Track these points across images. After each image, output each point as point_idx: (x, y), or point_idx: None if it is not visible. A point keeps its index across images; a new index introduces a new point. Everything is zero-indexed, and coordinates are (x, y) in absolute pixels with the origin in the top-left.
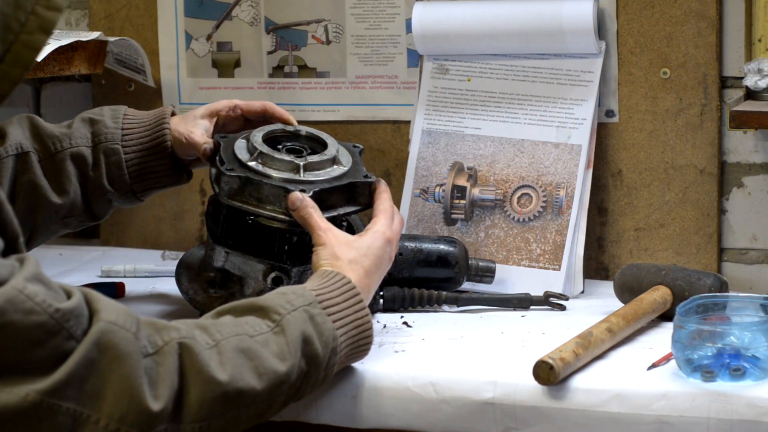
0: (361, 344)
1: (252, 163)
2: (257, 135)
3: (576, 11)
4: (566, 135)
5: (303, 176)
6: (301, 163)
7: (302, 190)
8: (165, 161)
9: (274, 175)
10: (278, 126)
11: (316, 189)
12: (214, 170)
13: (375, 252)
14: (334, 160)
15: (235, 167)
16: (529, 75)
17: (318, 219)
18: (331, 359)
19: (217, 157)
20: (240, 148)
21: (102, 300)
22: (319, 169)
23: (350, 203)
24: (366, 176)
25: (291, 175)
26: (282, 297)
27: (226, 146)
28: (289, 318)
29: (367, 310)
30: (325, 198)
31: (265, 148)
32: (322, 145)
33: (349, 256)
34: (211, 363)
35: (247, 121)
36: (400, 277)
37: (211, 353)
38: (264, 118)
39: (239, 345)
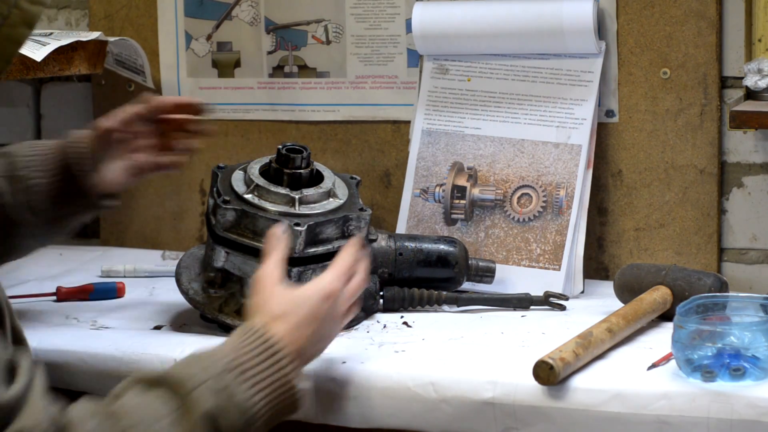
0: (287, 403)
1: (248, 196)
2: (254, 167)
3: (576, 11)
4: (566, 135)
5: (298, 209)
6: (297, 197)
7: (297, 224)
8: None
9: (270, 208)
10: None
11: (311, 222)
12: (211, 201)
13: (310, 305)
14: (330, 193)
15: (231, 199)
16: (529, 75)
17: (273, 259)
18: (247, 429)
19: (215, 189)
20: (237, 180)
21: (29, 401)
22: (314, 202)
23: (345, 236)
24: (361, 209)
25: (286, 208)
26: (194, 365)
27: (223, 177)
28: (196, 394)
29: (292, 367)
30: (319, 231)
31: (261, 181)
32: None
33: (279, 309)
34: None
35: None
36: (400, 277)
37: None
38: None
39: None
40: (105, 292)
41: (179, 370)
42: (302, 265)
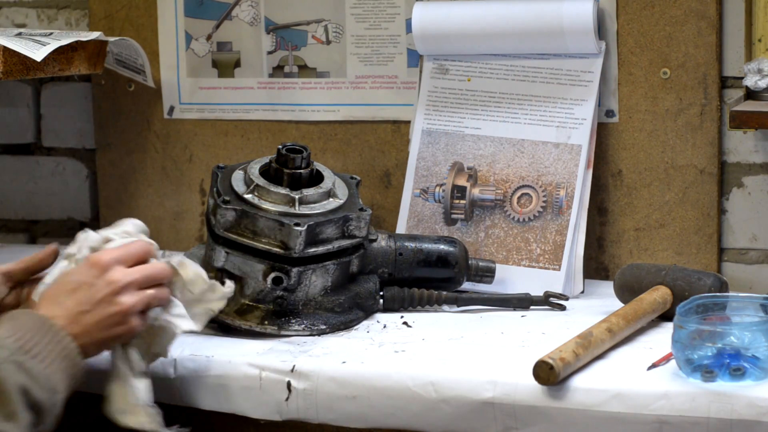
0: (77, 369)
1: (248, 196)
2: (254, 167)
3: (576, 11)
4: (566, 135)
5: (298, 209)
6: (297, 197)
7: (296, 224)
8: None
9: (270, 208)
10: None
11: (311, 222)
12: (211, 201)
13: (74, 273)
14: (330, 193)
15: (231, 199)
16: (529, 75)
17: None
18: (53, 398)
19: (215, 189)
20: (237, 180)
21: None
22: (314, 202)
23: (345, 237)
24: (361, 209)
25: (286, 208)
26: None
27: (223, 177)
28: (2, 372)
29: (66, 334)
30: (319, 231)
31: (261, 181)
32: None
33: (48, 291)
34: None
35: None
36: (400, 277)
37: None
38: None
39: None
40: None
41: None
42: (302, 265)
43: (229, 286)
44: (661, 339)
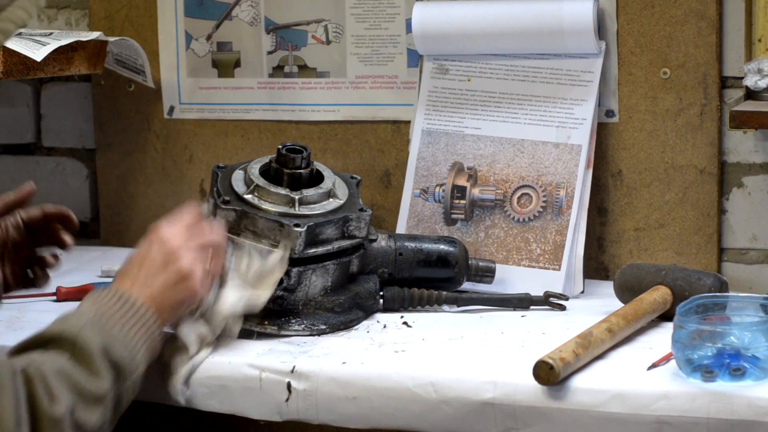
0: (155, 338)
1: (248, 196)
2: (254, 167)
3: (576, 11)
4: (566, 135)
5: (298, 210)
6: (296, 197)
7: (296, 225)
8: None
9: (270, 208)
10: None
11: (310, 223)
12: (211, 201)
13: (137, 253)
14: (330, 194)
15: (231, 199)
16: (529, 75)
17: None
18: (132, 362)
19: (215, 189)
20: (237, 180)
21: None
22: (314, 203)
23: (345, 237)
24: (361, 209)
25: (286, 209)
26: (63, 323)
27: (223, 177)
28: (82, 336)
29: (146, 308)
30: (319, 232)
31: (261, 181)
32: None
33: (121, 271)
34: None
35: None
36: (400, 277)
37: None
38: (44, 221)
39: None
40: None
41: (53, 329)
42: (302, 265)
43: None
44: (661, 339)
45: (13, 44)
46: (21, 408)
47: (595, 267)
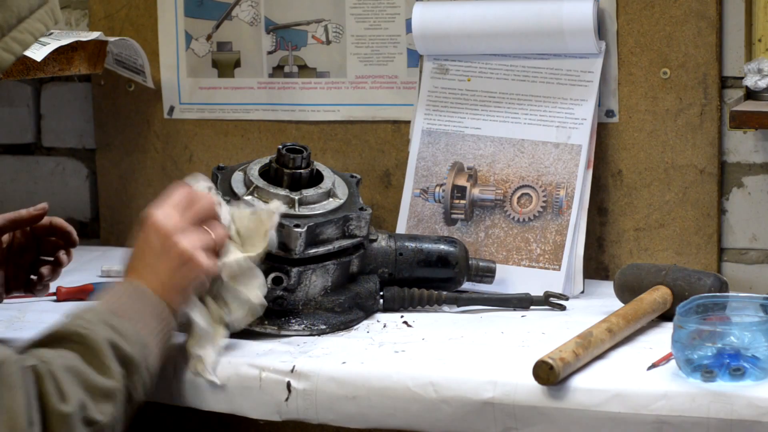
0: (168, 328)
1: (248, 198)
2: (254, 168)
3: (576, 11)
4: (566, 135)
5: (298, 210)
6: (296, 198)
7: (296, 225)
8: None
9: None
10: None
11: (310, 224)
12: None
13: (139, 245)
14: (330, 193)
15: (231, 201)
16: (529, 75)
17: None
18: (144, 352)
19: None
20: (237, 181)
21: None
22: (314, 203)
23: (345, 236)
24: (361, 208)
25: (286, 209)
26: (77, 319)
27: (223, 179)
28: (92, 333)
29: (156, 297)
30: (319, 232)
31: (260, 182)
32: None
33: (127, 265)
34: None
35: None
36: (400, 277)
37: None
38: (50, 231)
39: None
40: None
41: (63, 326)
42: (302, 265)
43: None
44: (661, 339)
45: None
46: (32, 406)
47: (595, 267)
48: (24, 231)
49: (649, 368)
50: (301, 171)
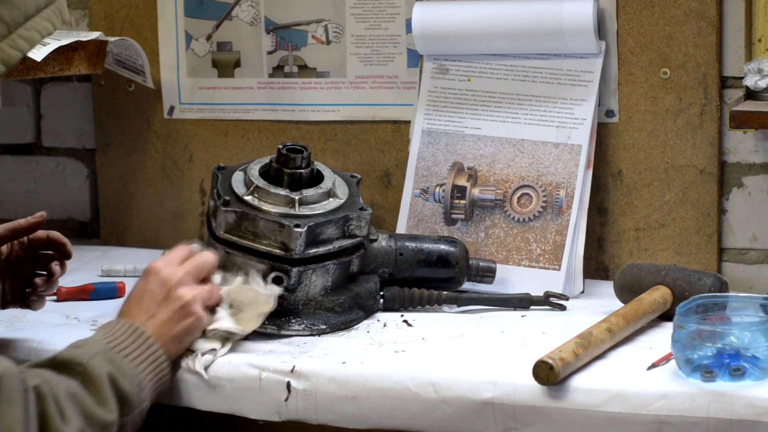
0: (164, 374)
1: (248, 198)
2: (254, 168)
3: (576, 11)
4: (566, 135)
5: (298, 210)
6: (296, 198)
7: (297, 225)
8: None
9: (270, 209)
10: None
11: (311, 224)
12: (211, 203)
13: (135, 289)
14: (330, 193)
15: (231, 201)
16: (529, 75)
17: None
18: (140, 394)
19: (215, 191)
20: (237, 181)
21: None
22: (314, 203)
23: (346, 236)
24: (362, 208)
25: (286, 210)
26: (77, 350)
27: (223, 179)
28: (92, 363)
29: (155, 343)
30: (319, 232)
31: (261, 182)
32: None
33: (123, 307)
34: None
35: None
36: (401, 277)
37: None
38: (47, 244)
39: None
40: (105, 291)
41: (65, 354)
42: (302, 265)
43: (273, 289)
44: (661, 339)
45: None
46: (31, 423)
47: (595, 267)
48: (22, 244)
49: (649, 368)
50: (302, 171)
